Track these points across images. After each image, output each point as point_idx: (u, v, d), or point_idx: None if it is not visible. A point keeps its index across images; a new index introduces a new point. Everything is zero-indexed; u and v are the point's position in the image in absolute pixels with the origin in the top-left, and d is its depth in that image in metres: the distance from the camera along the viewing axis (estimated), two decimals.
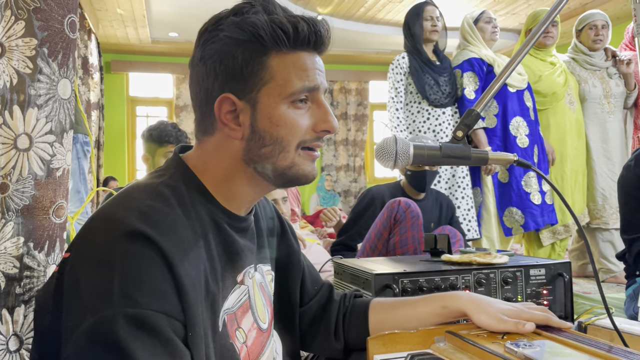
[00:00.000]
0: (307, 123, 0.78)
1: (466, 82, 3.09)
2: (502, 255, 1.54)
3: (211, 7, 3.87)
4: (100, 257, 0.66)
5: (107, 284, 0.63)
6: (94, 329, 0.62)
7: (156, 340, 0.63)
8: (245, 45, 0.75)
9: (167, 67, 7.48)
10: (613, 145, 3.38)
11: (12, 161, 0.82)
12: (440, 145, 0.92)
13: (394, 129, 2.98)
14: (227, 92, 0.76)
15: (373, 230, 2.30)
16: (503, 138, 3.11)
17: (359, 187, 8.07)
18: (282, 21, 0.75)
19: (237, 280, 0.81)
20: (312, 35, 0.77)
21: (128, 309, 0.62)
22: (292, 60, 0.77)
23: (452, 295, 0.93)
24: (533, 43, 0.94)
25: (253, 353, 0.83)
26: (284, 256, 1.00)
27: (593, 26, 3.38)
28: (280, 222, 1.02)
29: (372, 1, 5.81)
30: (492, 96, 0.94)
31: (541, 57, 3.36)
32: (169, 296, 0.66)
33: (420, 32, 3.06)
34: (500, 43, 6.61)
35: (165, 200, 0.73)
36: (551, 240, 3.28)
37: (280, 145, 0.77)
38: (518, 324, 0.81)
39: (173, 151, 0.86)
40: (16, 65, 0.82)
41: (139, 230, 0.66)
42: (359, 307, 1.00)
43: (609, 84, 3.40)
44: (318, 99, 0.80)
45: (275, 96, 0.76)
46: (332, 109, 7.63)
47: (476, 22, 3.23)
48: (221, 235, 0.79)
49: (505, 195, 3.11)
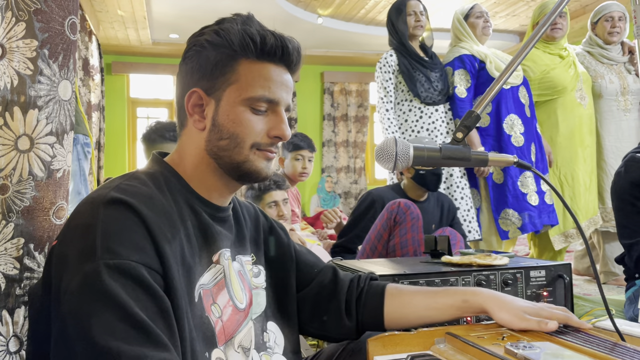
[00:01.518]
0: (261, 127, 0.87)
1: (457, 80, 2.96)
2: (503, 256, 1.54)
3: (211, 8, 3.91)
4: (83, 225, 0.72)
5: (90, 245, 0.69)
6: (81, 283, 0.67)
7: (138, 286, 0.69)
8: (219, 49, 0.85)
9: (168, 69, 7.48)
10: (628, 145, 3.10)
11: (13, 162, 0.82)
12: (440, 147, 0.92)
13: (386, 130, 2.88)
14: (198, 87, 0.87)
15: (373, 232, 2.29)
16: (497, 137, 2.97)
17: (359, 189, 8.06)
18: (252, 32, 0.85)
19: (213, 260, 0.86)
20: (279, 49, 0.86)
21: (110, 260, 0.68)
22: (258, 69, 0.86)
23: (474, 290, 0.93)
24: (536, 41, 0.93)
25: (228, 329, 0.86)
26: (275, 251, 1.04)
27: (609, 17, 3.20)
28: (267, 221, 1.07)
29: (373, 3, 5.82)
30: (492, 99, 0.93)
31: (549, 51, 3.18)
32: (148, 251, 0.72)
33: (405, 28, 2.95)
34: (501, 44, 6.62)
35: (142, 181, 0.81)
36: (563, 244, 3.11)
37: (235, 141, 0.86)
38: (540, 322, 0.82)
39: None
40: (17, 66, 0.82)
41: (117, 198, 0.74)
42: (375, 290, 1.02)
43: (626, 79, 3.19)
44: (277, 110, 0.88)
45: (236, 97, 0.85)
46: (333, 111, 7.58)
47: (467, 17, 3.08)
48: (197, 218, 0.86)
49: (501, 196, 2.96)
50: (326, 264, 1.10)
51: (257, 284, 0.98)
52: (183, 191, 0.86)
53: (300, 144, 2.86)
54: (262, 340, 0.94)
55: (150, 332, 0.66)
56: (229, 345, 0.85)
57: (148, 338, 0.66)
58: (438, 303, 0.95)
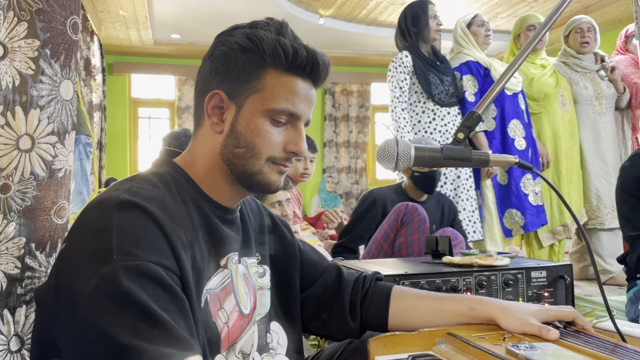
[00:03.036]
0: (279, 140, 0.85)
1: (466, 85, 3.08)
2: (504, 257, 1.53)
3: (213, 9, 3.90)
4: (96, 228, 0.70)
5: (106, 247, 0.67)
6: (98, 287, 0.65)
7: (157, 286, 0.67)
8: (248, 54, 0.83)
9: (169, 69, 7.49)
10: (606, 146, 3.41)
11: (14, 162, 0.82)
12: (442, 147, 0.92)
13: (400, 129, 2.91)
14: (220, 89, 0.85)
15: (380, 231, 2.31)
16: (502, 141, 3.11)
17: (360, 189, 8.06)
18: (285, 43, 0.83)
19: (221, 265, 0.85)
20: (310, 64, 0.85)
21: (127, 262, 0.66)
22: (285, 81, 0.84)
23: (481, 299, 0.93)
24: (533, 47, 0.95)
25: (232, 335, 0.85)
26: (279, 249, 1.03)
27: (579, 29, 3.44)
28: (271, 218, 1.06)
29: (374, 3, 5.82)
30: (493, 99, 0.94)
31: (531, 61, 3.39)
32: (165, 251, 0.71)
33: (427, 31, 2.98)
34: (502, 45, 6.61)
35: (152, 184, 0.79)
36: (551, 240, 3.29)
37: (252, 152, 0.84)
38: (542, 329, 0.81)
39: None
40: (19, 66, 0.82)
41: (130, 201, 0.72)
42: (381, 292, 1.01)
43: (600, 85, 3.43)
44: (297, 125, 0.87)
45: (258, 106, 0.84)
46: (334, 111, 7.59)
47: (469, 26, 3.22)
48: (206, 221, 0.84)
49: (505, 197, 3.13)
50: (330, 262, 1.09)
51: (262, 284, 0.97)
52: (192, 193, 0.85)
53: None
54: (266, 342, 0.94)
55: (174, 332, 0.64)
56: (231, 351, 0.85)
57: (172, 338, 0.63)
58: (444, 309, 0.94)
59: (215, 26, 0.95)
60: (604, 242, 3.39)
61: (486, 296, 1.22)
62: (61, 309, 0.70)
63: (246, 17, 0.97)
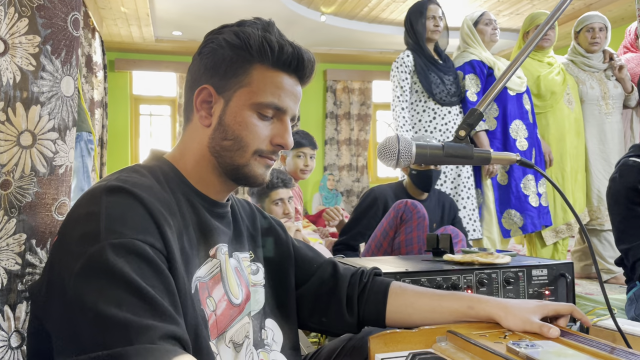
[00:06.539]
0: (265, 133, 0.88)
1: (468, 84, 3.08)
2: (505, 255, 1.53)
3: (214, 6, 3.91)
4: (84, 213, 0.72)
5: (94, 229, 0.69)
6: (84, 265, 0.67)
7: (143, 262, 0.68)
8: (236, 50, 0.86)
9: (171, 66, 7.48)
10: (611, 147, 3.39)
11: (15, 158, 0.82)
12: (443, 145, 0.92)
13: (400, 128, 2.94)
14: (209, 84, 0.88)
15: (379, 229, 2.31)
16: (503, 140, 3.12)
17: (361, 187, 8.06)
18: (272, 39, 0.86)
19: (210, 254, 0.87)
20: (295, 60, 0.88)
21: (114, 240, 0.68)
22: (272, 76, 0.87)
23: (480, 298, 0.93)
24: (534, 45, 0.94)
25: (221, 323, 0.86)
26: (273, 248, 1.04)
27: (590, 29, 3.40)
28: (264, 218, 1.07)
29: (376, 1, 5.81)
30: (494, 97, 0.94)
31: (538, 59, 3.38)
32: (151, 231, 0.72)
33: (423, 31, 3.04)
34: (504, 43, 6.60)
35: (141, 174, 0.82)
36: (554, 239, 3.28)
37: (239, 144, 0.87)
38: (542, 327, 0.81)
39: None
40: (19, 62, 0.82)
41: (118, 186, 0.74)
42: (379, 287, 1.02)
43: (607, 85, 3.40)
44: (283, 119, 0.90)
45: (245, 100, 0.86)
46: (336, 108, 7.59)
47: (476, 24, 3.22)
48: (195, 212, 0.86)
49: (504, 197, 3.12)
50: (326, 258, 1.09)
51: (256, 281, 0.98)
52: (182, 185, 0.87)
53: (301, 141, 2.88)
54: (260, 338, 0.94)
55: (158, 305, 0.66)
56: (221, 340, 0.85)
57: (156, 311, 0.65)
58: (443, 307, 0.94)
59: (217, 23, 0.95)
60: (606, 242, 3.39)
61: (487, 294, 1.21)
62: (52, 297, 0.71)
63: (247, 14, 0.97)
